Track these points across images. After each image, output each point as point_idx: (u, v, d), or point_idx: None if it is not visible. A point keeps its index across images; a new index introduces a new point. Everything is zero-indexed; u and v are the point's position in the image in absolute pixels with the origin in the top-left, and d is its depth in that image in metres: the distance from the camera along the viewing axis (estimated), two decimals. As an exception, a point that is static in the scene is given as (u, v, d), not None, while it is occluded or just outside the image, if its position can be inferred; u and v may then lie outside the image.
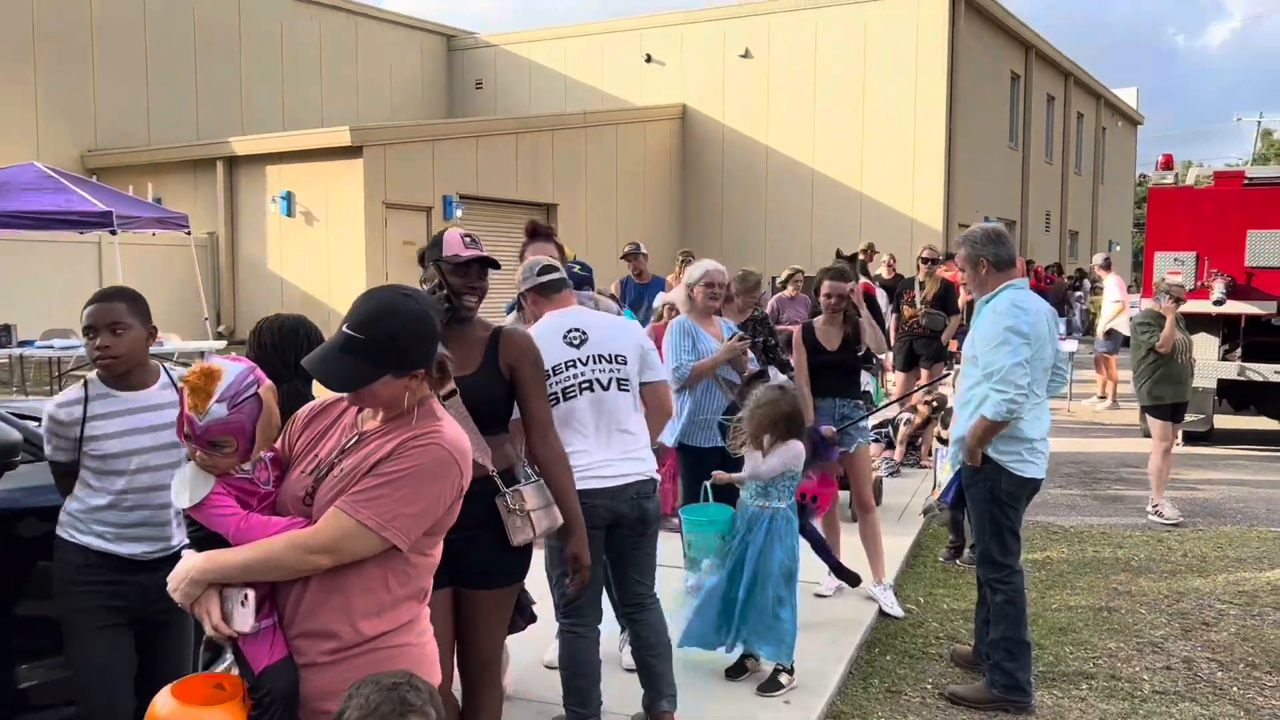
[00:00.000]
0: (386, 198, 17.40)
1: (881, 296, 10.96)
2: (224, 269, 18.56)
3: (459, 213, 18.54)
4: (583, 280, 5.07)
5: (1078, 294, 23.25)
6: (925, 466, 8.78)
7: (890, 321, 9.83)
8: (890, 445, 8.89)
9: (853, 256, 12.10)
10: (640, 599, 3.73)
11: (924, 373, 9.25)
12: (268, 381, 2.21)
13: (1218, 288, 9.79)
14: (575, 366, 3.57)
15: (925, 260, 9.20)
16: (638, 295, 8.51)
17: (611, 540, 3.61)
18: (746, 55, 24.24)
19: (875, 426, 9.00)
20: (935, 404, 8.79)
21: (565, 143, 21.63)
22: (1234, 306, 10.01)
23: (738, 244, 24.12)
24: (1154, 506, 7.58)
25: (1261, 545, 6.90)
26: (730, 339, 5.11)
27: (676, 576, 4.68)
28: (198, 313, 14.18)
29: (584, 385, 3.57)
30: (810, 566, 5.02)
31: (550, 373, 3.43)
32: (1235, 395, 10.89)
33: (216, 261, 18.57)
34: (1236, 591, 5.84)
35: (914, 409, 8.84)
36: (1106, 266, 13.85)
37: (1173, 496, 7.93)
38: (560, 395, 3.53)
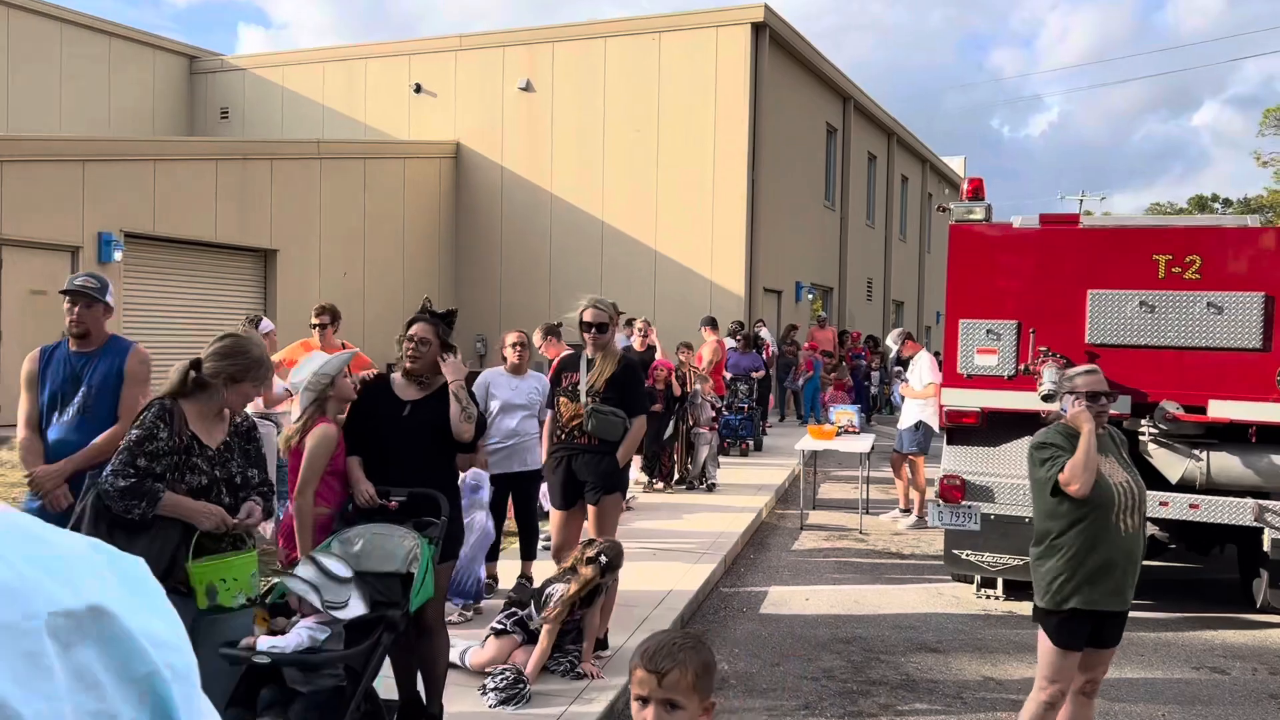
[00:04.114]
0: (4, 232, 13.08)
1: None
2: None
3: (119, 255, 14.32)
4: None
5: (876, 373, 20.52)
6: (590, 675, 5.20)
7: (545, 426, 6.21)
8: (530, 637, 5.26)
9: (557, 324, 8.57)
10: None
11: (591, 513, 5.61)
12: None
13: (1047, 376, 6.66)
14: None
15: (590, 325, 5.52)
16: (71, 370, 4.54)
17: None
18: (528, 88, 20.95)
19: (505, 610, 5.44)
20: (604, 560, 5.27)
21: (290, 176, 17.66)
22: (1070, 402, 6.87)
23: (519, 304, 20.55)
24: None
25: None
26: None
27: None
28: None
29: None
30: None
31: None
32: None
33: None
34: None
35: (570, 570, 5.27)
36: (906, 342, 10.85)
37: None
38: None
